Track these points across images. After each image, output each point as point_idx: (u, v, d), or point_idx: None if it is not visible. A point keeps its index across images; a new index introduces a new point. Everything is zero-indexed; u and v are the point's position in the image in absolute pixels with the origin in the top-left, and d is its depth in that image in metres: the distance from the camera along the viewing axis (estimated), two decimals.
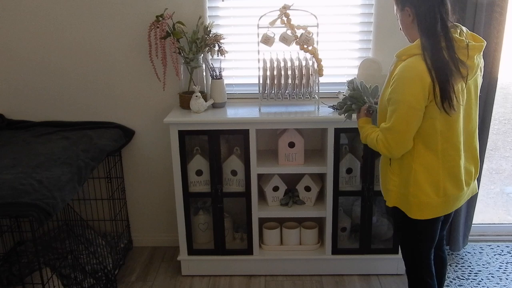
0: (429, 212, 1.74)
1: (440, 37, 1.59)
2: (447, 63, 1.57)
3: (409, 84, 1.59)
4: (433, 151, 1.68)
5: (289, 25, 2.40)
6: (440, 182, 1.70)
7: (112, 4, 2.59)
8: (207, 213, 2.73)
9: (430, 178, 1.70)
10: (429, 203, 1.71)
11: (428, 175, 1.70)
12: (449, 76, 1.57)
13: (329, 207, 2.55)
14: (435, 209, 1.74)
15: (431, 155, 1.69)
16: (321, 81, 2.55)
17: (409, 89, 1.59)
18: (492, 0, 2.38)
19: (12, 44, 2.66)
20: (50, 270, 2.28)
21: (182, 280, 2.66)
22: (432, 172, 1.70)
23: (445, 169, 1.70)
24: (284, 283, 2.62)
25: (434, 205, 1.72)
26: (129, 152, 2.85)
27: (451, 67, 1.57)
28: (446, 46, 1.59)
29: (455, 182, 1.73)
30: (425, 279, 1.87)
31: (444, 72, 1.57)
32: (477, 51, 1.65)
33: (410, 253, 1.89)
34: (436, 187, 1.70)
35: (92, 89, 2.74)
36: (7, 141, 2.43)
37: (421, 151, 1.69)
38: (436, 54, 1.57)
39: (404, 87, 1.60)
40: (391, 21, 2.57)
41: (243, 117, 2.45)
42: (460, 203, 1.81)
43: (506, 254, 2.86)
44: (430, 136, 1.67)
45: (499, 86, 2.56)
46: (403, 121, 1.63)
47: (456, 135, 1.68)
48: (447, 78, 1.57)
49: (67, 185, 2.00)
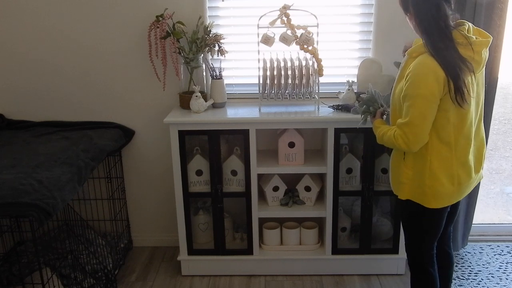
0: (445, 200, 1.82)
1: (439, 38, 1.66)
2: (453, 61, 1.64)
3: (424, 78, 1.66)
4: (446, 142, 1.75)
5: (289, 25, 2.40)
6: (454, 171, 1.78)
7: (112, 4, 2.59)
8: (207, 213, 2.73)
9: (445, 168, 1.77)
10: (444, 193, 1.79)
11: (443, 165, 1.77)
12: (459, 72, 1.64)
13: (329, 207, 2.55)
14: (450, 197, 1.83)
15: (445, 146, 1.75)
16: (321, 81, 2.55)
17: (424, 83, 1.66)
18: (492, 0, 2.38)
19: (12, 44, 2.66)
20: (50, 270, 2.28)
21: (182, 280, 2.66)
22: (446, 162, 1.77)
23: (458, 159, 1.77)
24: (284, 283, 2.62)
25: (449, 194, 1.81)
26: (129, 152, 2.85)
27: (458, 64, 1.64)
28: (446, 46, 1.65)
29: (467, 170, 1.81)
30: (428, 268, 1.94)
31: (453, 69, 1.64)
32: (483, 46, 1.71)
33: (416, 243, 1.96)
34: (451, 176, 1.78)
35: (92, 89, 2.74)
36: (7, 141, 2.43)
37: (435, 143, 1.75)
38: (439, 53, 1.65)
39: (419, 83, 1.67)
40: (391, 21, 2.57)
41: (243, 117, 2.44)
42: (470, 190, 1.90)
43: (506, 254, 2.86)
44: (444, 128, 1.73)
45: (499, 86, 2.56)
46: (420, 114, 1.69)
47: (467, 125, 1.75)
48: (457, 73, 1.64)
49: (67, 185, 2.00)
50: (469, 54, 1.67)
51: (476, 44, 1.68)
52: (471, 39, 1.67)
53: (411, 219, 1.94)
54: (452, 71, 1.64)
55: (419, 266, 1.97)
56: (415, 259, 1.98)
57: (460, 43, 1.66)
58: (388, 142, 1.82)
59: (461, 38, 1.67)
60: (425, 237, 1.92)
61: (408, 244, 1.99)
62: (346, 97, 2.55)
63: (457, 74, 1.64)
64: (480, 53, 1.69)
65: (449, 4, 1.70)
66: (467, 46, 1.67)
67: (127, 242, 2.92)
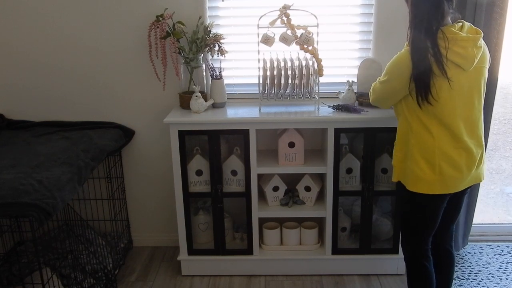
0: (423, 186, 1.84)
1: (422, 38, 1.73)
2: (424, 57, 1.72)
3: (397, 68, 1.82)
4: (428, 131, 1.80)
5: (289, 25, 2.40)
6: (436, 160, 1.80)
7: (112, 4, 2.59)
8: (207, 213, 2.73)
9: (425, 154, 1.81)
10: (423, 178, 1.82)
11: (423, 151, 1.81)
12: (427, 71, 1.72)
13: (329, 207, 2.55)
14: (430, 186, 1.83)
15: (427, 134, 1.80)
16: (321, 81, 2.54)
17: (397, 72, 1.82)
18: (492, 0, 2.38)
19: (12, 44, 2.66)
20: (50, 270, 2.28)
21: (182, 280, 2.66)
22: (427, 149, 1.81)
23: (440, 150, 1.79)
24: (284, 283, 2.62)
25: (429, 181, 1.82)
26: (129, 152, 2.85)
27: (428, 63, 1.71)
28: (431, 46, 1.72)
29: (452, 164, 1.80)
30: (423, 262, 1.95)
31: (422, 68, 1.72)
32: (471, 42, 1.74)
33: (409, 233, 2.00)
34: (431, 164, 1.80)
35: (92, 89, 2.74)
36: (7, 141, 2.43)
37: (418, 128, 1.82)
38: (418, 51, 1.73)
39: (393, 69, 1.84)
40: (391, 21, 2.57)
41: (243, 117, 2.44)
42: (461, 186, 1.88)
43: (506, 254, 2.86)
44: (426, 117, 1.79)
45: (499, 86, 2.56)
46: (383, 91, 1.93)
47: (451, 122, 1.78)
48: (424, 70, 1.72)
49: (67, 185, 2.00)
50: (454, 48, 1.71)
51: (464, 39, 1.72)
52: (458, 34, 1.72)
53: (404, 207, 2.01)
54: (419, 69, 1.72)
55: (414, 260, 1.99)
56: (409, 253, 2.01)
57: (448, 39, 1.71)
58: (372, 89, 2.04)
59: (453, 33, 1.72)
60: (418, 230, 1.94)
61: (403, 239, 2.04)
62: (346, 97, 2.55)
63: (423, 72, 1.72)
64: (467, 48, 1.72)
65: (451, 3, 1.72)
66: (458, 42, 1.71)
67: (127, 242, 2.92)
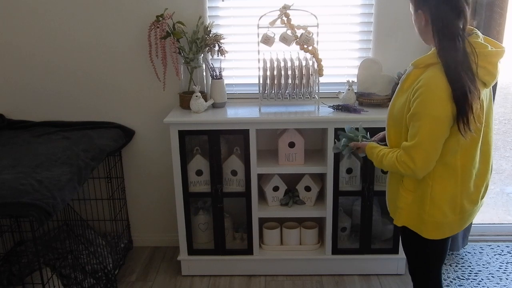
0: (445, 231, 1.66)
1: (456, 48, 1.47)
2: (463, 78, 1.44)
3: (438, 96, 1.46)
4: (451, 166, 1.58)
5: (289, 25, 2.40)
6: (458, 198, 1.61)
7: (112, 4, 2.59)
8: (207, 213, 2.73)
9: (448, 195, 1.60)
10: (445, 223, 1.62)
11: (446, 192, 1.60)
12: (467, 93, 1.43)
13: (329, 207, 2.55)
14: (451, 228, 1.66)
15: (450, 170, 1.58)
16: (321, 81, 2.55)
17: (439, 101, 1.46)
18: (492, 0, 2.38)
19: (13, 44, 2.66)
20: (50, 270, 2.28)
21: (182, 280, 2.66)
22: (449, 189, 1.59)
23: (463, 185, 1.60)
24: (284, 283, 2.62)
25: (451, 224, 1.64)
26: (129, 152, 2.85)
27: (468, 84, 1.44)
28: (462, 61, 1.46)
29: (471, 197, 1.64)
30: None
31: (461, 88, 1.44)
32: (499, 57, 1.53)
33: (420, 273, 1.80)
34: (453, 204, 1.61)
35: (92, 89, 2.74)
36: (7, 141, 2.43)
37: (439, 167, 1.57)
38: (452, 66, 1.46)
39: (432, 100, 1.47)
40: (391, 21, 2.57)
41: (243, 117, 2.45)
42: (473, 218, 1.74)
43: (506, 254, 2.86)
44: (451, 152, 1.55)
45: (499, 86, 2.56)
46: (431, 137, 1.49)
47: (476, 150, 1.59)
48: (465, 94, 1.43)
49: (67, 185, 2.00)
50: (483, 65, 1.48)
51: (493, 54, 1.50)
52: (486, 48, 1.50)
53: (411, 248, 1.77)
54: (459, 91, 1.43)
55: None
56: (421, 284, 1.82)
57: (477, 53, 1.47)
58: (390, 166, 1.60)
59: (480, 46, 1.49)
60: (430, 265, 1.76)
61: (412, 273, 1.83)
62: (346, 97, 2.55)
63: (465, 95, 1.42)
64: (496, 65, 1.51)
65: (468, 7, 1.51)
66: (485, 57, 1.49)
67: (127, 242, 2.92)
